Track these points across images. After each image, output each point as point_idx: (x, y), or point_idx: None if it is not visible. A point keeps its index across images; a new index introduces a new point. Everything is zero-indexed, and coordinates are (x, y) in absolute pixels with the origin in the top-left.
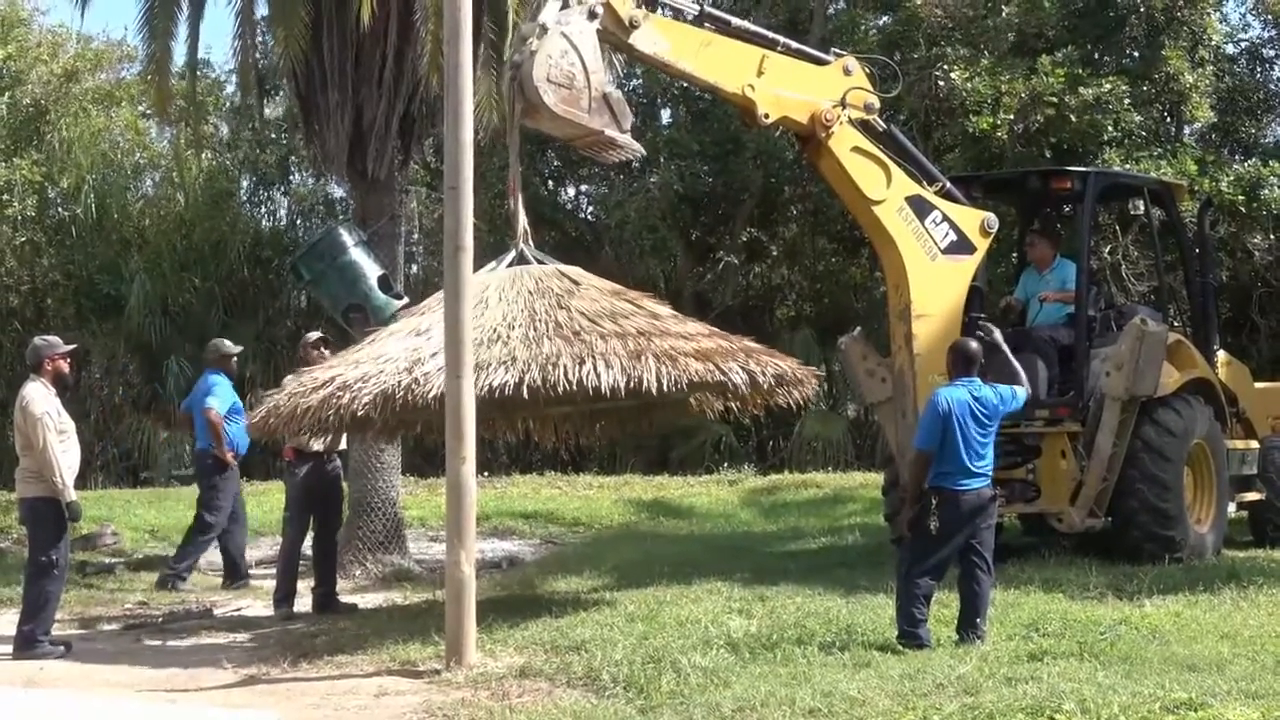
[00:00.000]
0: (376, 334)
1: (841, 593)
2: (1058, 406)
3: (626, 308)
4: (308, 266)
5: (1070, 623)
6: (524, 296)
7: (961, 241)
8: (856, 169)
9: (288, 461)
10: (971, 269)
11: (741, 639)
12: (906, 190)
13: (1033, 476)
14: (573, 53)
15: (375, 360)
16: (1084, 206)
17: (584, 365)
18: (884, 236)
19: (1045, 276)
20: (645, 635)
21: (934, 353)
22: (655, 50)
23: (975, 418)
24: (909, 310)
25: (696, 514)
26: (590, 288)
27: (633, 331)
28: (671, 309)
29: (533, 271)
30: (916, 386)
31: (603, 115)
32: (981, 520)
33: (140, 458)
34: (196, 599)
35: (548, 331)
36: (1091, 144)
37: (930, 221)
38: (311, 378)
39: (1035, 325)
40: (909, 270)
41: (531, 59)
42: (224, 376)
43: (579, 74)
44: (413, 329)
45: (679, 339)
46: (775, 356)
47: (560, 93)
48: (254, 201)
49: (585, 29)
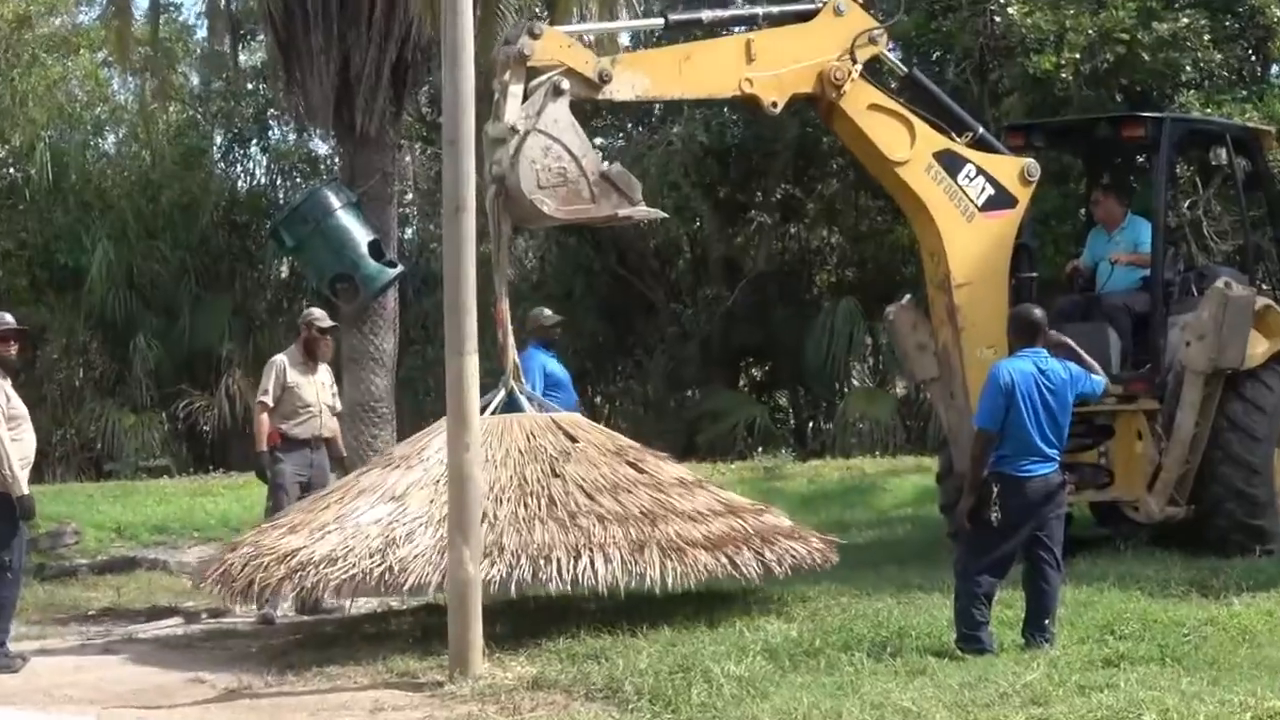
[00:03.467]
0: (348, 484)
1: (892, 592)
2: (1132, 382)
3: (628, 475)
4: (290, 232)
5: (1149, 624)
6: (514, 459)
7: (1000, 195)
8: (875, 128)
9: (270, 448)
10: (1014, 224)
11: (780, 645)
12: (934, 145)
13: (1105, 460)
14: (555, 146)
15: (344, 531)
16: (1159, 156)
17: (580, 560)
18: (913, 200)
19: (1115, 237)
20: (672, 641)
21: (981, 324)
22: (637, 92)
23: (1042, 393)
24: (949, 280)
25: None
26: (589, 446)
27: (635, 513)
28: (678, 470)
29: (524, 423)
30: (964, 364)
31: (609, 196)
32: (1049, 510)
33: (104, 447)
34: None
35: (540, 511)
36: (1167, 86)
37: (964, 177)
38: (275, 535)
39: (1105, 292)
40: (944, 235)
41: (514, 170)
42: (542, 351)
43: (569, 166)
44: (388, 490)
45: (687, 521)
46: (797, 537)
47: (558, 194)
48: (229, 160)
49: (558, 113)
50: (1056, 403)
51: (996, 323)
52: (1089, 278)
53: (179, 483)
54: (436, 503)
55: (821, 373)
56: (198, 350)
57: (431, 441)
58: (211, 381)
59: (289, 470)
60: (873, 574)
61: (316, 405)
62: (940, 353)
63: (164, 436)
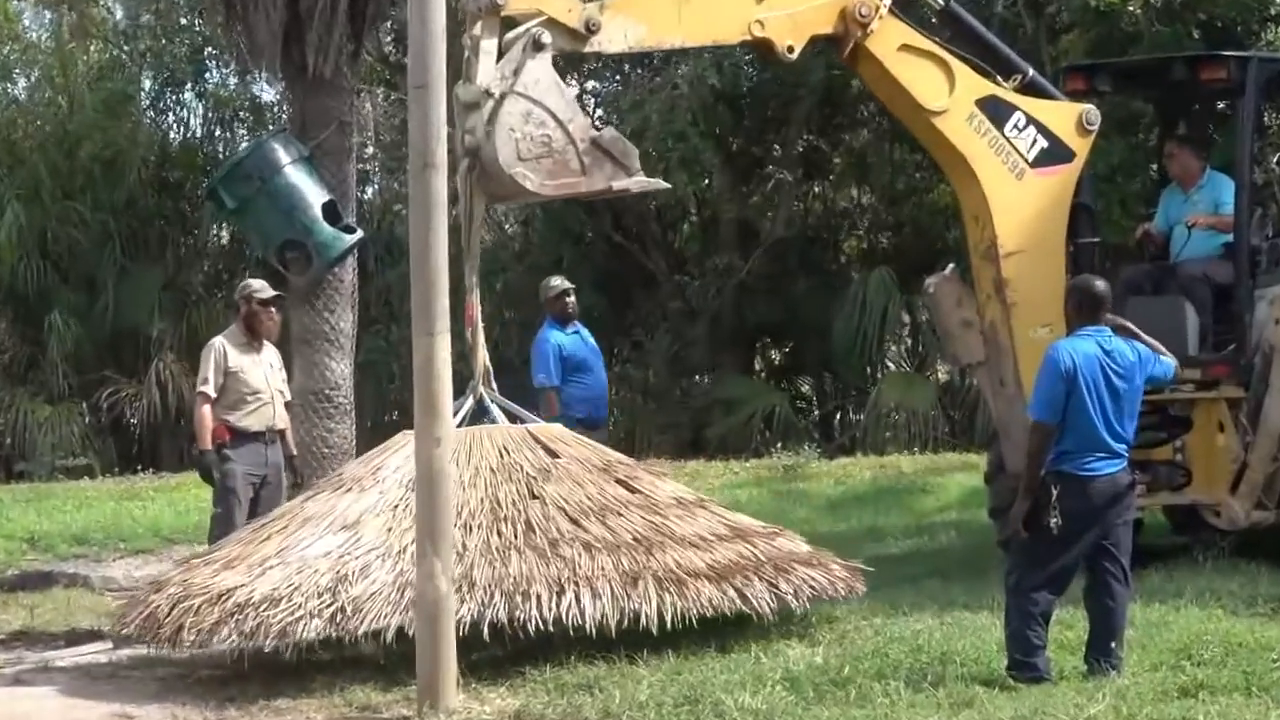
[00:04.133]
0: (305, 497)
1: (934, 611)
2: (1213, 365)
3: (618, 495)
4: (231, 191)
5: (1233, 647)
6: (485, 477)
7: (1055, 148)
8: (908, 73)
9: (217, 445)
10: (1071, 182)
11: (803, 673)
12: (976, 92)
13: (1181, 457)
14: (537, 110)
15: (287, 566)
16: (1243, 103)
17: (564, 595)
18: (952, 155)
19: (1193, 196)
20: (677, 669)
21: (1035, 299)
22: (630, 42)
23: (1108, 378)
24: (996, 247)
25: (742, 509)
26: (571, 461)
27: (627, 540)
28: (676, 489)
29: (496, 436)
30: (1015, 345)
31: (602, 167)
32: (1116, 514)
33: (14, 444)
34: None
35: (515, 539)
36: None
37: (1012, 128)
38: (208, 572)
39: (1181, 260)
40: (990, 195)
41: (490, 140)
42: (558, 329)
43: (554, 133)
44: (338, 517)
45: (687, 548)
46: (815, 564)
47: (542, 166)
48: (159, 107)
49: (539, 71)
50: (1125, 389)
51: (1052, 297)
52: (1162, 244)
53: (102, 485)
54: (395, 532)
55: (851, 355)
56: (123, 330)
57: (388, 460)
58: (139, 367)
59: (239, 470)
60: (911, 590)
61: (267, 391)
62: (987, 332)
63: (84, 431)
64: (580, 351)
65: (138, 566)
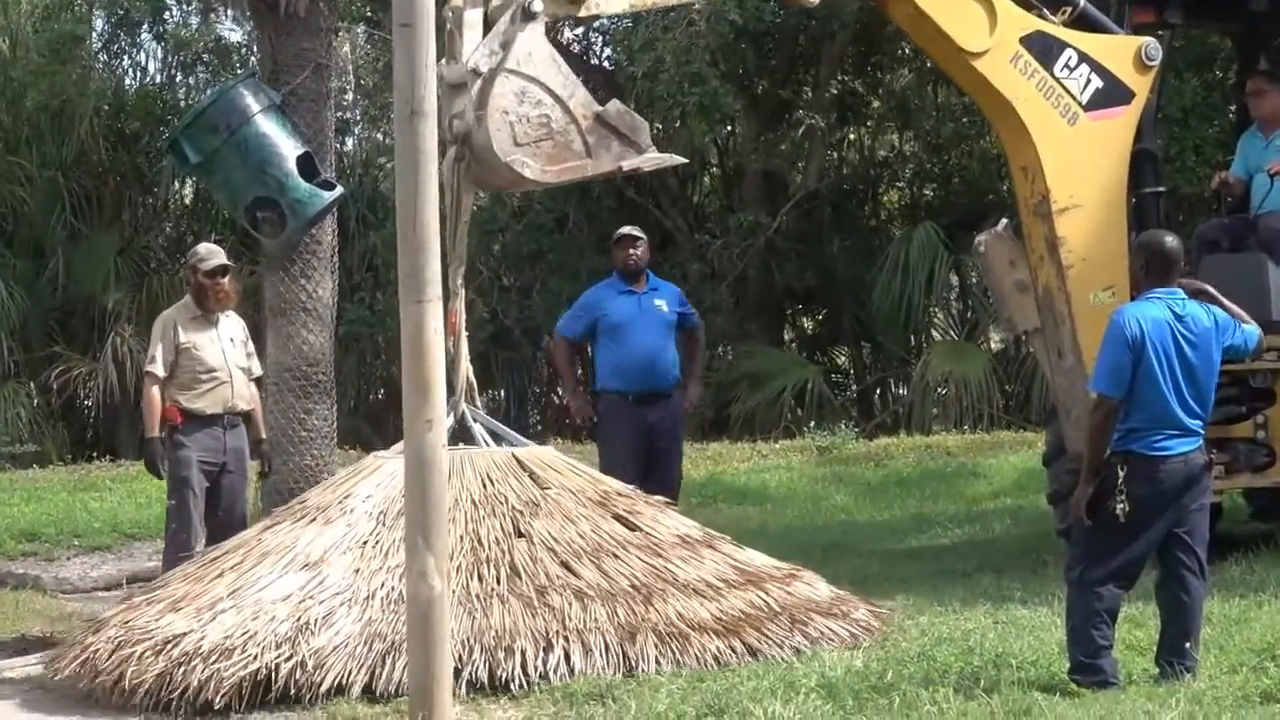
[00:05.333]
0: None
1: (987, 609)
2: None
3: (616, 533)
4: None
5: None
6: (465, 511)
7: (1111, 88)
8: (943, 10)
9: (170, 429)
10: (1131, 125)
11: (841, 678)
12: (1021, 27)
13: (1264, 434)
14: (533, 88)
15: (241, 610)
16: None
17: (551, 651)
18: (997, 101)
19: (1275, 140)
20: (700, 676)
21: (1094, 259)
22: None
23: (1180, 347)
24: (1048, 202)
25: (770, 496)
26: (564, 493)
27: (625, 586)
28: (680, 524)
29: (479, 462)
30: (1073, 312)
31: (608, 146)
32: (1191, 499)
33: None
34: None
35: (499, 584)
36: None
37: (1062, 67)
38: (152, 613)
39: (1263, 213)
40: (1039, 144)
41: (481, 125)
42: (614, 282)
43: (553, 112)
44: (299, 553)
45: (692, 596)
46: (837, 614)
47: (541, 150)
48: (113, 51)
49: (532, 43)
50: (1199, 359)
51: (1114, 257)
52: (1241, 194)
53: (54, 473)
54: (363, 574)
55: (892, 323)
56: (75, 301)
57: (357, 487)
58: (94, 342)
59: (193, 457)
60: (961, 585)
61: (224, 369)
62: (1041, 298)
63: (32, 414)
64: (622, 313)
65: (94, 566)
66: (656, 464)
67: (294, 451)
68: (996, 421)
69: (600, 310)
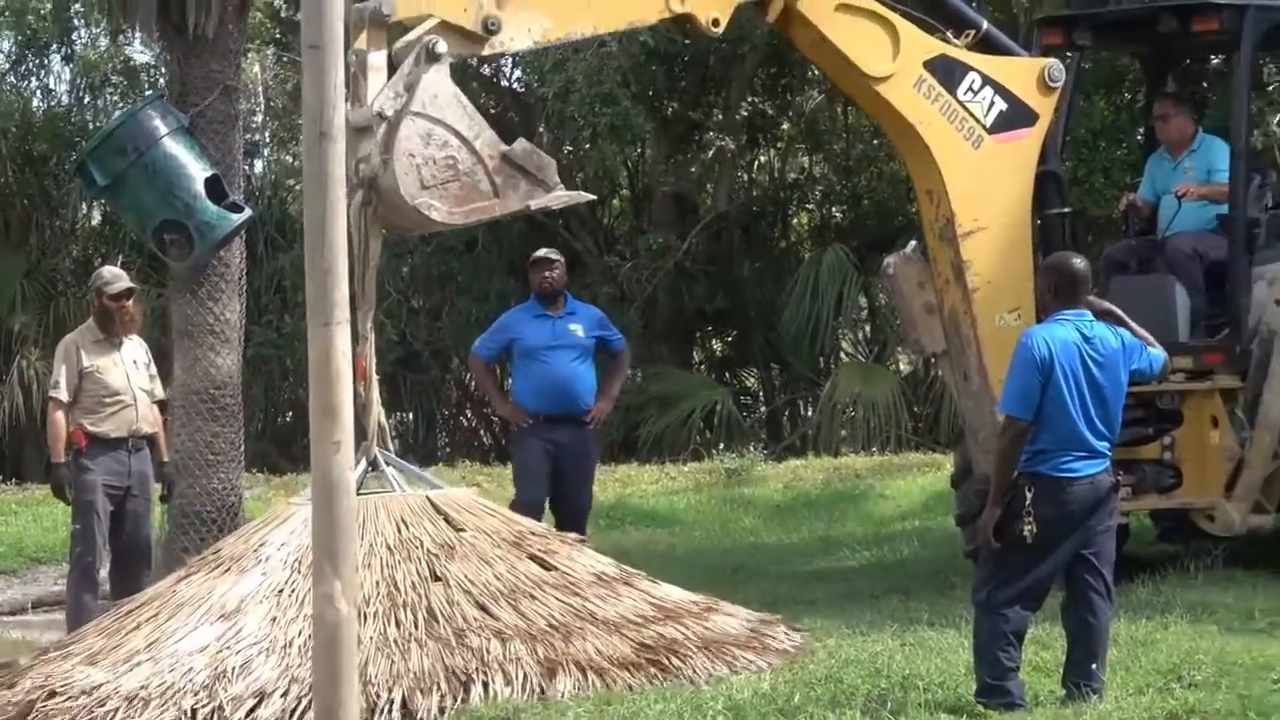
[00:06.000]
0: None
1: (894, 631)
2: (1206, 352)
3: (531, 574)
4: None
5: (1227, 667)
6: (381, 556)
7: (1015, 110)
8: (846, 36)
9: (75, 451)
10: (1035, 148)
11: (749, 701)
12: (924, 52)
13: (1170, 455)
14: (438, 130)
15: (158, 661)
16: (1239, 57)
17: (471, 689)
18: (901, 125)
19: (1183, 162)
20: (606, 700)
21: (1000, 282)
22: (535, 36)
23: (1088, 368)
24: (953, 225)
25: (679, 519)
26: (478, 534)
27: (543, 625)
28: (596, 562)
29: (393, 506)
30: (979, 334)
31: (516, 185)
32: (1098, 521)
33: None
34: None
35: (417, 629)
36: None
37: (966, 91)
38: (68, 665)
39: (1170, 234)
40: (944, 168)
41: (388, 168)
42: (530, 304)
43: (460, 152)
44: (215, 603)
45: (611, 631)
46: (755, 646)
47: (449, 192)
48: (20, 72)
49: (437, 85)
50: (1107, 381)
51: (1019, 279)
52: (1149, 216)
53: None
54: (280, 622)
55: (801, 345)
56: None
57: (271, 535)
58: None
59: (98, 481)
60: (869, 607)
61: (128, 392)
62: (947, 321)
63: None
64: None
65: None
66: (567, 487)
67: (201, 474)
68: (905, 443)
69: (515, 333)
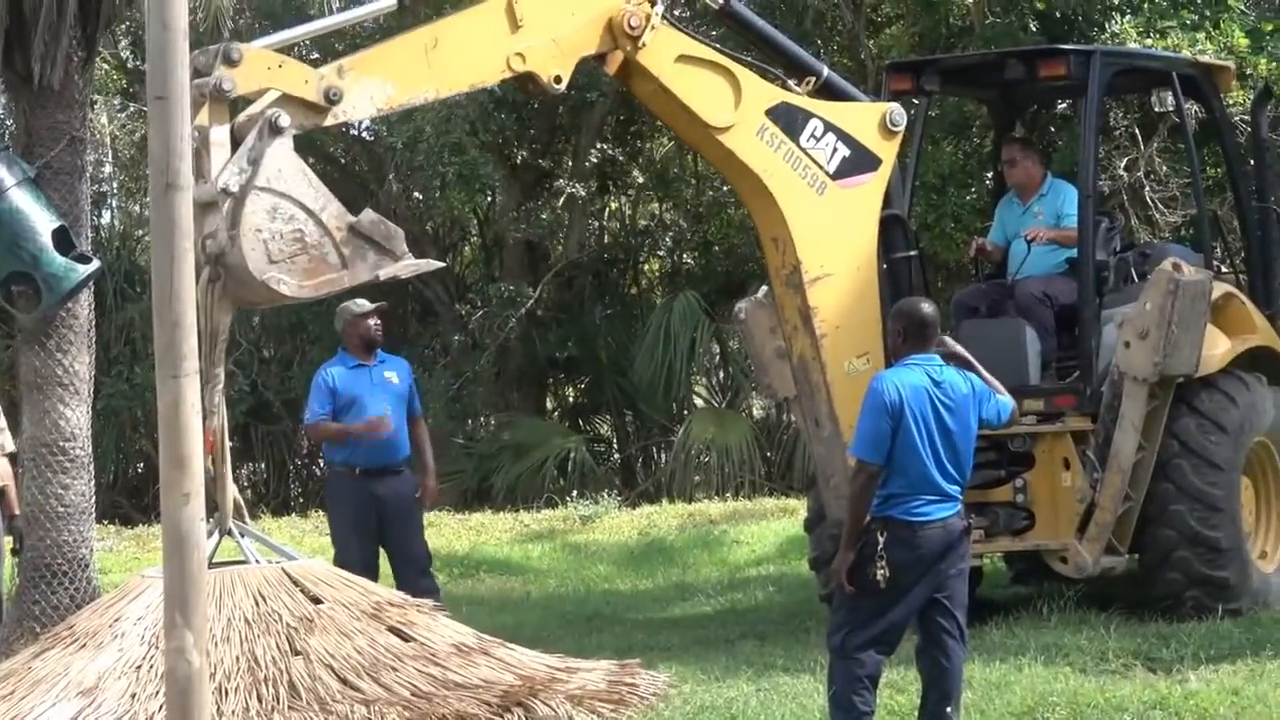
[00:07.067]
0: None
1: (749, 677)
2: (1056, 395)
3: (391, 645)
4: None
5: (1081, 709)
6: (240, 630)
7: (858, 155)
8: (687, 87)
9: None
10: (879, 192)
11: None
12: (765, 100)
13: (1023, 498)
14: (284, 203)
15: None
16: (1086, 102)
17: None
18: (745, 174)
19: (1032, 207)
20: None
21: (847, 327)
22: (379, 104)
23: (939, 412)
24: (799, 272)
25: (533, 567)
26: (337, 606)
27: (406, 695)
28: (455, 631)
29: (250, 579)
30: (829, 380)
31: (364, 256)
32: (950, 565)
33: None
34: None
35: (279, 702)
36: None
37: (808, 137)
38: None
39: (1020, 278)
40: (788, 215)
41: (235, 245)
42: (339, 363)
43: (306, 226)
44: (72, 680)
45: (468, 695)
46: (619, 699)
47: (298, 265)
48: None
49: (281, 159)
50: (957, 425)
51: (868, 324)
52: (998, 260)
53: None
54: (140, 697)
55: (654, 391)
56: None
57: (127, 609)
58: None
59: None
60: (724, 652)
61: None
62: (796, 367)
63: None
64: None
65: None
66: (394, 540)
67: (51, 527)
68: (759, 488)
69: (338, 386)
